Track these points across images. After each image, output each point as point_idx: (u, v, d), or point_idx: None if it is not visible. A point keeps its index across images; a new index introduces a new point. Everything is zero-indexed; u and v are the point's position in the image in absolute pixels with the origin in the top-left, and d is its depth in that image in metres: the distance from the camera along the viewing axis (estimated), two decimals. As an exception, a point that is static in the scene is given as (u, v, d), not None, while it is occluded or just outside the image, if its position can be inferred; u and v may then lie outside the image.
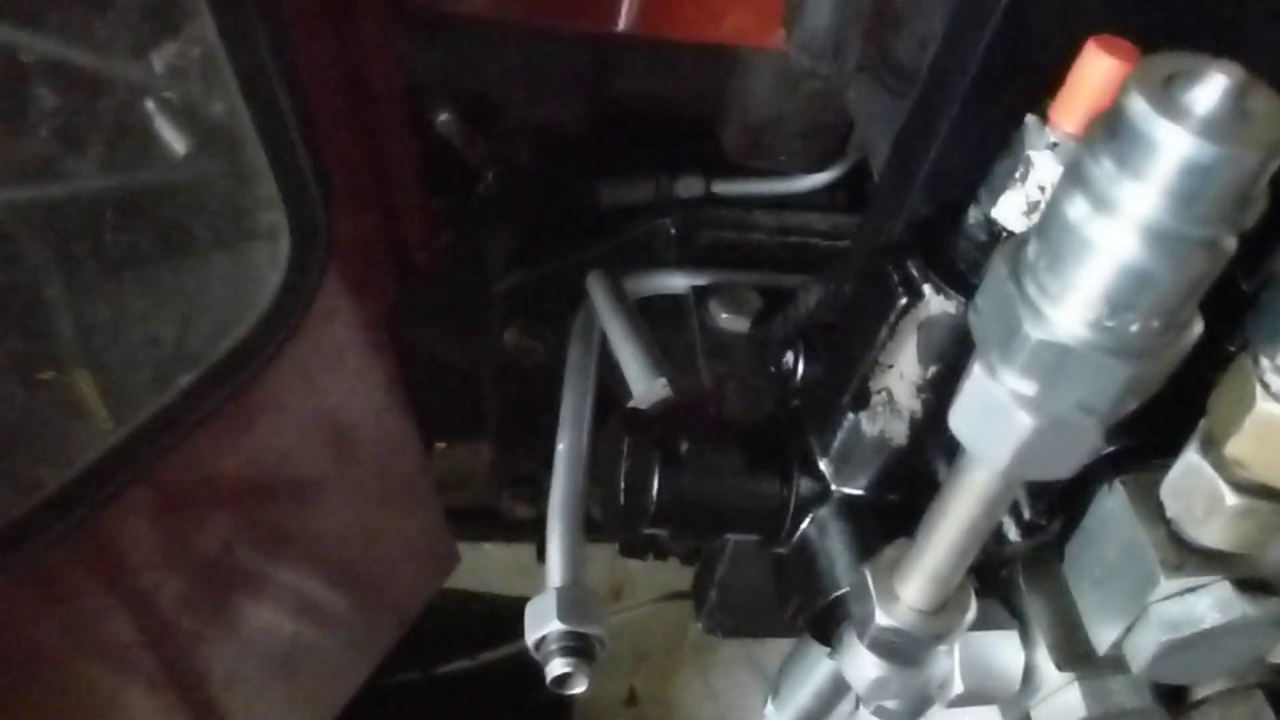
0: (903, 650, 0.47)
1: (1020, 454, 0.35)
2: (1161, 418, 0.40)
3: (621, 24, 0.86)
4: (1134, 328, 0.31)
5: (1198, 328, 0.33)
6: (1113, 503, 0.48)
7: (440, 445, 1.54)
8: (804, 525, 0.59)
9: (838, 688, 0.66)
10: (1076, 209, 0.31)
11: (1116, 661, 0.49)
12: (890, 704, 0.57)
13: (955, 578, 0.44)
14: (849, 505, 0.59)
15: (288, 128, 0.82)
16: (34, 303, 0.84)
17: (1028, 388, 0.33)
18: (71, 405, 0.85)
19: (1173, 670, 0.47)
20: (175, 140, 0.86)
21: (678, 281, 0.98)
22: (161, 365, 0.89)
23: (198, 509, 0.99)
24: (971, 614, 0.47)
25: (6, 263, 0.81)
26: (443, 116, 1.14)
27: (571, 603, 0.76)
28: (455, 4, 0.94)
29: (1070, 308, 0.32)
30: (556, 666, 0.74)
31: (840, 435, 0.57)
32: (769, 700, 0.70)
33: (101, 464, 0.83)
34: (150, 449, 0.87)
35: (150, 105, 0.84)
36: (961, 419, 0.36)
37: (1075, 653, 0.51)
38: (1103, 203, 0.30)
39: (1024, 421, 0.34)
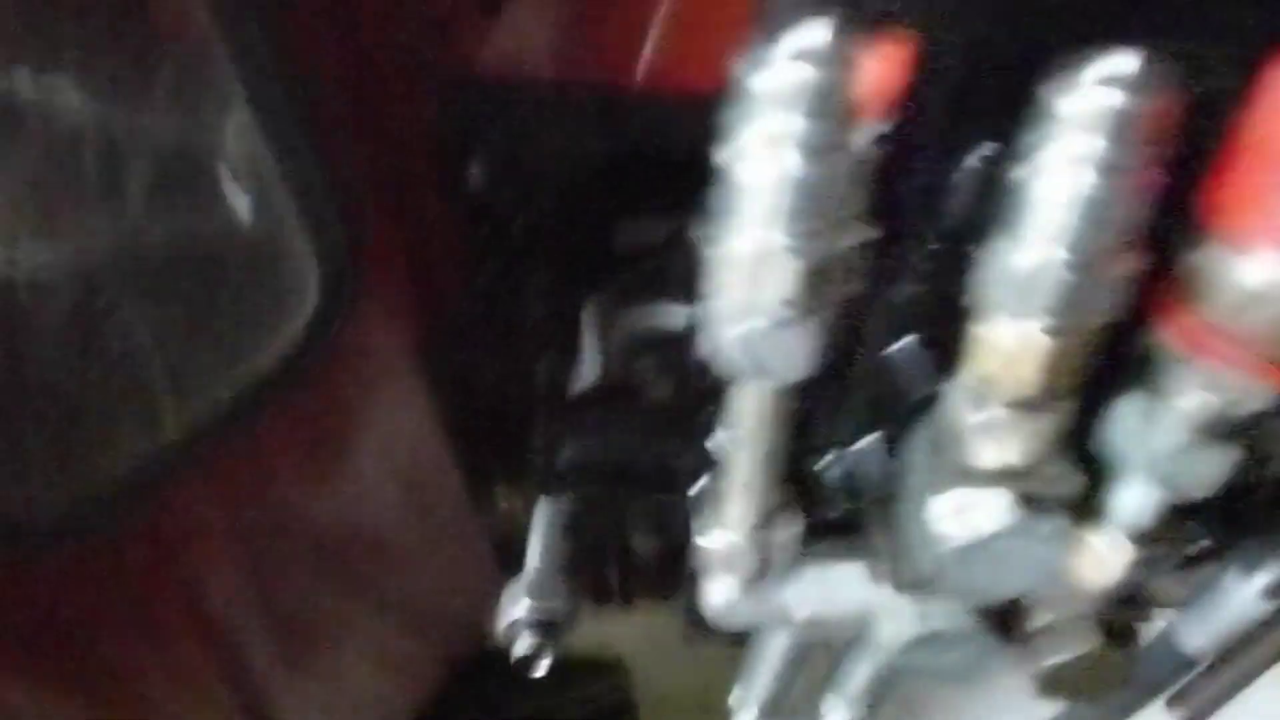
0: (740, 566, 0.55)
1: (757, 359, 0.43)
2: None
3: (638, 78, 0.96)
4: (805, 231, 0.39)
5: (861, 231, 0.41)
6: (916, 436, 0.54)
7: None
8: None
9: (795, 664, 0.72)
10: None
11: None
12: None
13: (767, 490, 0.52)
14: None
15: (315, 182, 0.95)
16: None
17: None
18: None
19: (968, 581, 0.53)
20: (216, 192, 1.00)
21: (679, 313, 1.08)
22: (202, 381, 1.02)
23: (223, 538, 1.10)
24: (796, 528, 0.54)
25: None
26: (472, 169, 1.26)
27: (541, 585, 0.84)
28: (481, 66, 1.06)
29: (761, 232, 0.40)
30: (522, 645, 0.82)
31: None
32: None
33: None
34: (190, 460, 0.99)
35: (193, 162, 0.98)
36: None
37: (907, 579, 0.57)
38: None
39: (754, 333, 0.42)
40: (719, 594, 0.58)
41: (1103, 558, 0.55)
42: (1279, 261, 0.42)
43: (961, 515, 0.51)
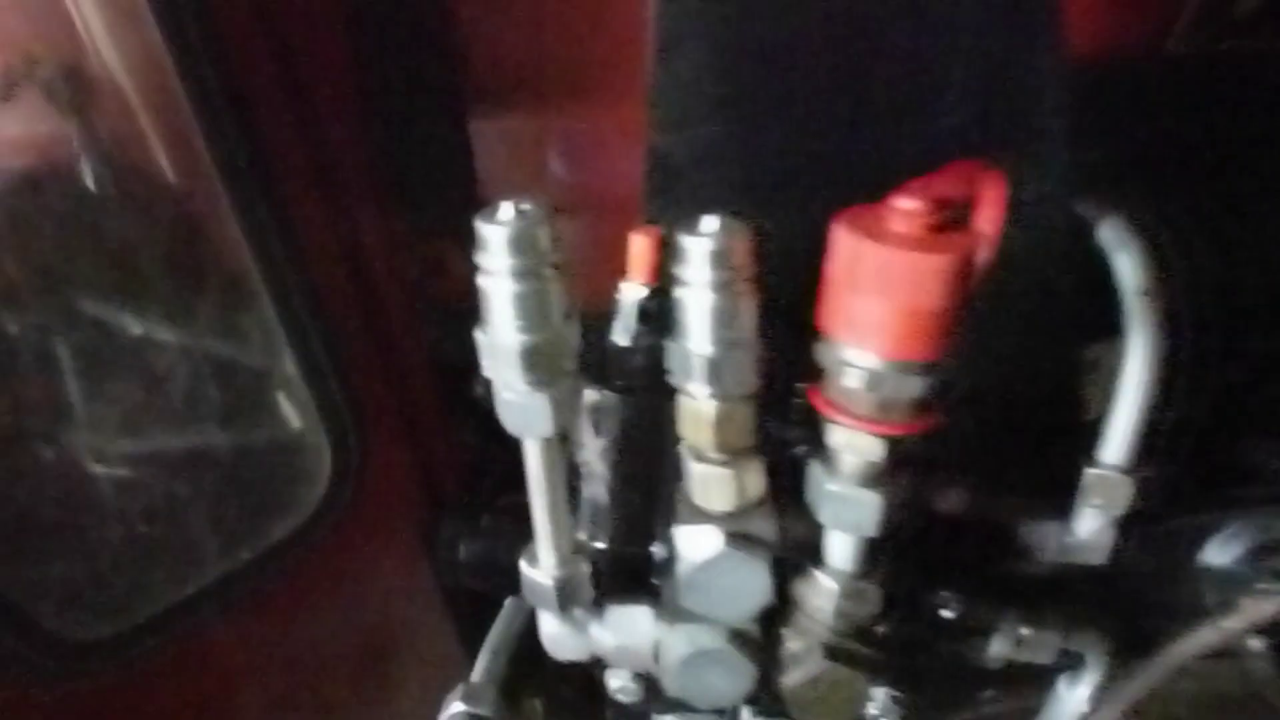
0: (551, 602, 0.75)
1: (515, 421, 0.66)
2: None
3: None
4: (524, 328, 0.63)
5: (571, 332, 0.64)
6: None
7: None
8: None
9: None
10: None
11: (710, 615, 0.74)
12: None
13: (561, 533, 0.73)
14: (599, 557, 0.86)
15: (333, 394, 1.23)
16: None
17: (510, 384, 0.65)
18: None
19: (702, 601, 0.72)
20: (257, 400, 1.29)
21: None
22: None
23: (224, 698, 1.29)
24: (585, 569, 0.74)
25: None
26: (478, 389, 1.52)
27: (475, 692, 1.02)
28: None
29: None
30: (455, 744, 0.99)
31: (581, 504, 0.86)
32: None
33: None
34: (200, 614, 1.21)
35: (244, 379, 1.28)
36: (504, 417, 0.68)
37: (673, 607, 0.76)
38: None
39: (508, 398, 0.65)
40: (546, 626, 0.78)
41: (824, 591, 0.73)
42: (861, 354, 0.64)
43: (690, 546, 0.71)
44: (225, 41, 1.02)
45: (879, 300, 0.62)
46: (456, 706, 0.95)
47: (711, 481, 0.70)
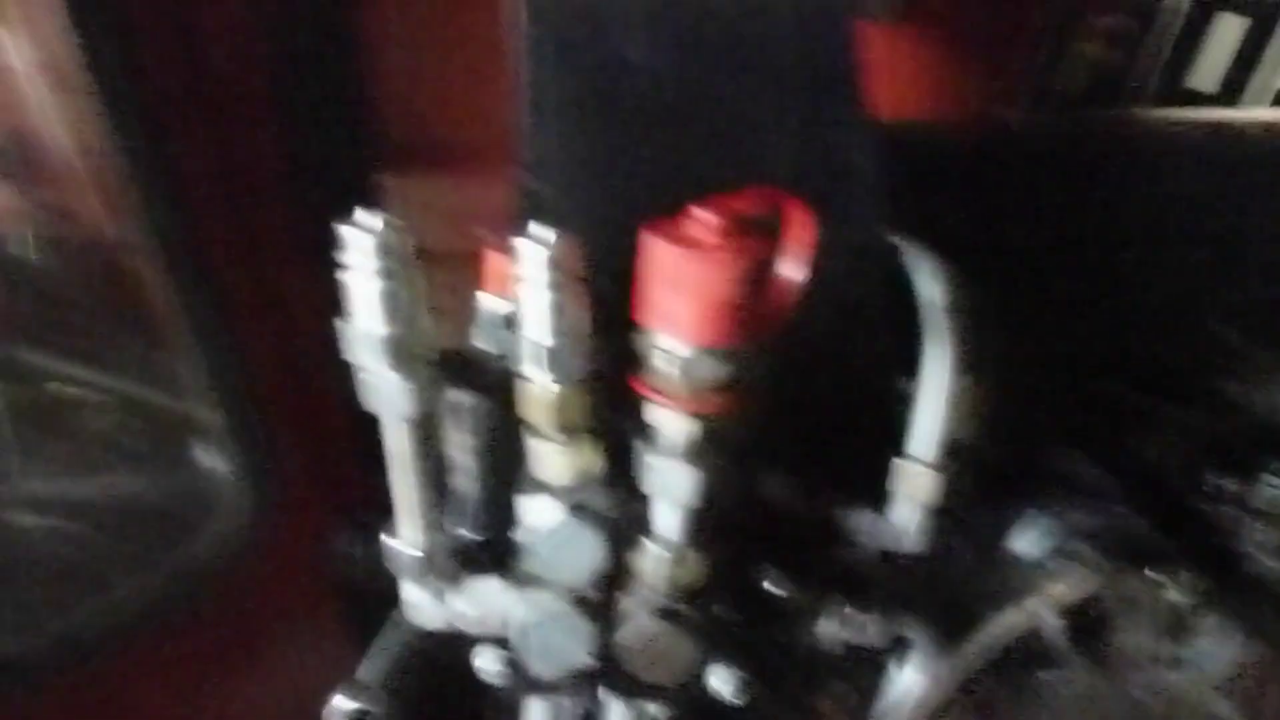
0: (411, 572, 0.85)
1: (374, 402, 0.77)
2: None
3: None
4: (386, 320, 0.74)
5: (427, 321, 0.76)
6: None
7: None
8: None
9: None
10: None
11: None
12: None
13: (419, 505, 0.83)
14: (466, 545, 0.95)
15: (252, 429, 1.32)
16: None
17: (371, 369, 0.76)
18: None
19: (544, 566, 0.82)
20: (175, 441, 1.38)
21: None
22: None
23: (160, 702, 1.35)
24: (442, 541, 0.84)
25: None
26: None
27: (356, 688, 1.10)
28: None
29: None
30: (339, 732, 1.07)
31: (447, 491, 0.96)
32: None
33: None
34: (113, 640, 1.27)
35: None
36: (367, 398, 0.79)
37: (523, 573, 0.86)
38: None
39: (368, 379, 0.76)
40: (410, 595, 0.88)
41: (651, 557, 0.84)
42: (669, 341, 0.76)
43: (533, 516, 0.82)
44: (150, 92, 1.13)
45: (679, 294, 0.74)
46: (339, 702, 1.02)
47: (551, 457, 0.81)
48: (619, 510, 0.84)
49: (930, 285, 0.95)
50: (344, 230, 0.73)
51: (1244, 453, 1.43)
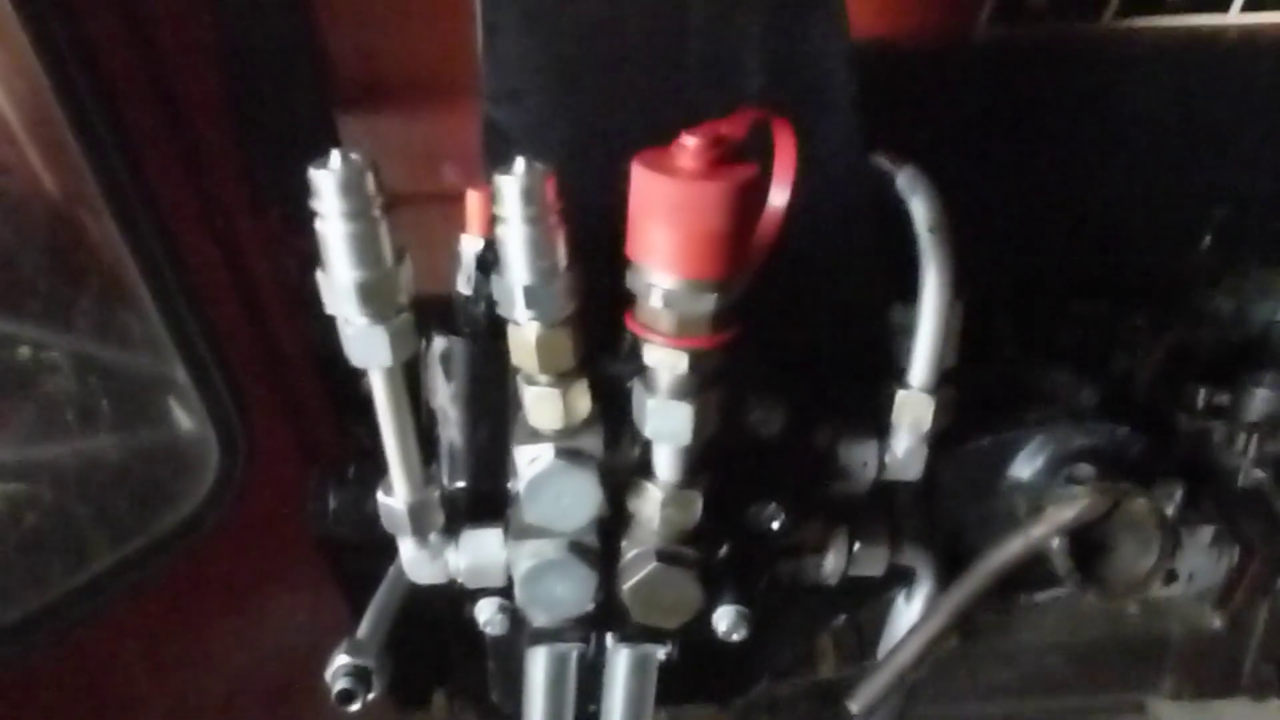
0: (406, 528, 0.82)
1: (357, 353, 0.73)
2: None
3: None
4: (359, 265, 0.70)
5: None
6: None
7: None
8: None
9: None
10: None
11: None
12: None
13: (410, 460, 0.80)
14: (460, 498, 0.93)
15: (216, 384, 1.28)
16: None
17: (350, 319, 0.72)
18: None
19: (541, 513, 0.80)
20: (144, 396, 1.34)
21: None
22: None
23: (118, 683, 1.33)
24: (437, 495, 0.81)
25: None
26: (365, 380, 1.57)
27: (358, 646, 1.08)
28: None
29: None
30: (340, 684, 1.05)
31: (438, 446, 0.93)
32: None
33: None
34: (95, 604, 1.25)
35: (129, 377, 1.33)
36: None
37: (520, 525, 0.84)
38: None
39: (349, 331, 0.73)
40: (405, 551, 0.85)
41: (651, 500, 0.82)
42: (661, 276, 0.72)
43: (526, 463, 0.79)
44: (93, 46, 1.08)
45: (670, 227, 0.70)
46: (341, 659, 1.00)
47: (541, 402, 0.78)
48: (614, 453, 0.81)
49: (920, 208, 0.92)
50: (311, 173, 0.68)
51: (1232, 366, 1.42)
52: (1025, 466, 1.05)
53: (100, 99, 1.08)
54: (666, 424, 0.77)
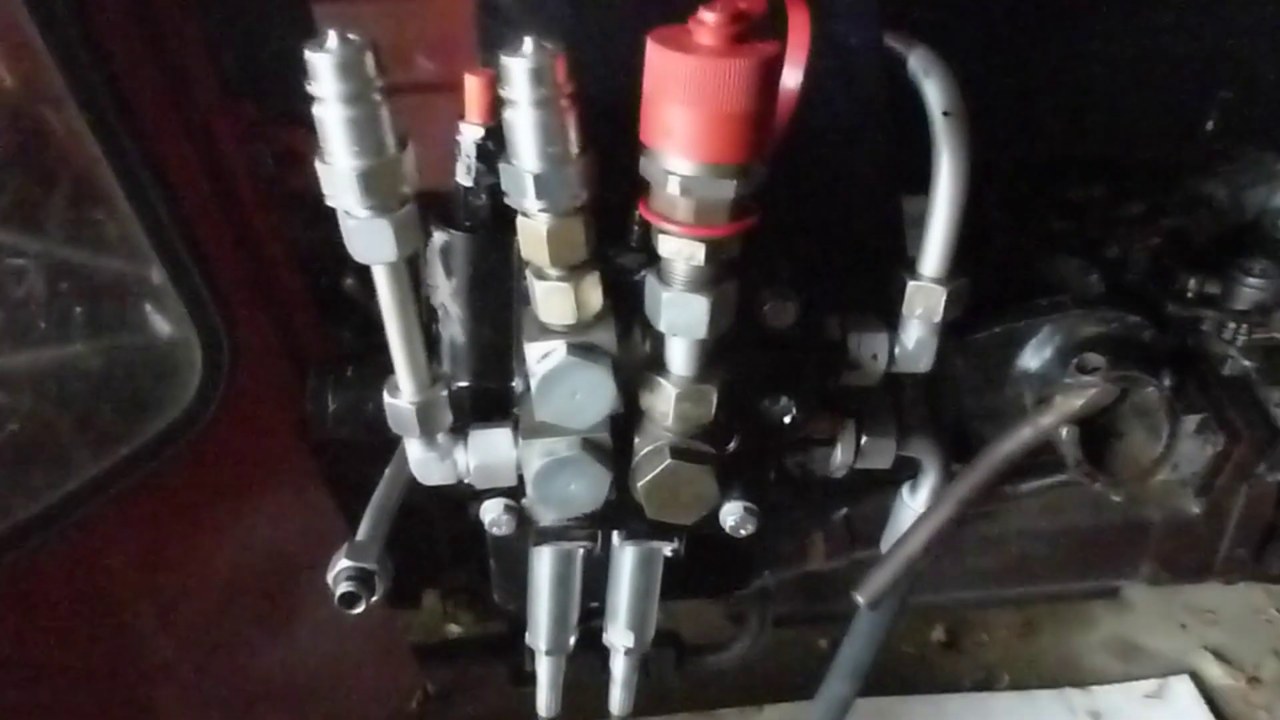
0: (413, 428, 0.80)
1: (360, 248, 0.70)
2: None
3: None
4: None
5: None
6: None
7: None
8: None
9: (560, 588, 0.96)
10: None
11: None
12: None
13: (416, 359, 0.77)
14: (463, 397, 0.90)
15: (196, 283, 1.24)
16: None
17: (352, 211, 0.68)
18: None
19: (554, 411, 0.78)
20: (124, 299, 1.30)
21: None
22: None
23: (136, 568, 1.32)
24: (444, 394, 0.79)
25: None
26: (348, 280, 1.53)
27: (359, 549, 1.06)
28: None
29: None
30: (342, 587, 1.04)
31: (440, 345, 0.90)
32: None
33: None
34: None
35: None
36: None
37: (531, 422, 0.82)
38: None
39: (351, 224, 0.69)
40: (413, 452, 0.83)
41: (665, 395, 0.80)
42: (678, 161, 0.69)
43: (538, 360, 0.76)
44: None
45: (689, 108, 0.67)
46: (342, 562, 0.99)
47: (552, 296, 0.75)
48: (625, 347, 0.79)
49: (934, 91, 0.89)
50: (307, 55, 0.64)
51: (1224, 255, 1.41)
52: (1034, 356, 1.04)
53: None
54: (682, 317, 0.75)
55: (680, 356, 0.79)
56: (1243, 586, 2.47)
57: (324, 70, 0.64)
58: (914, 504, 1.08)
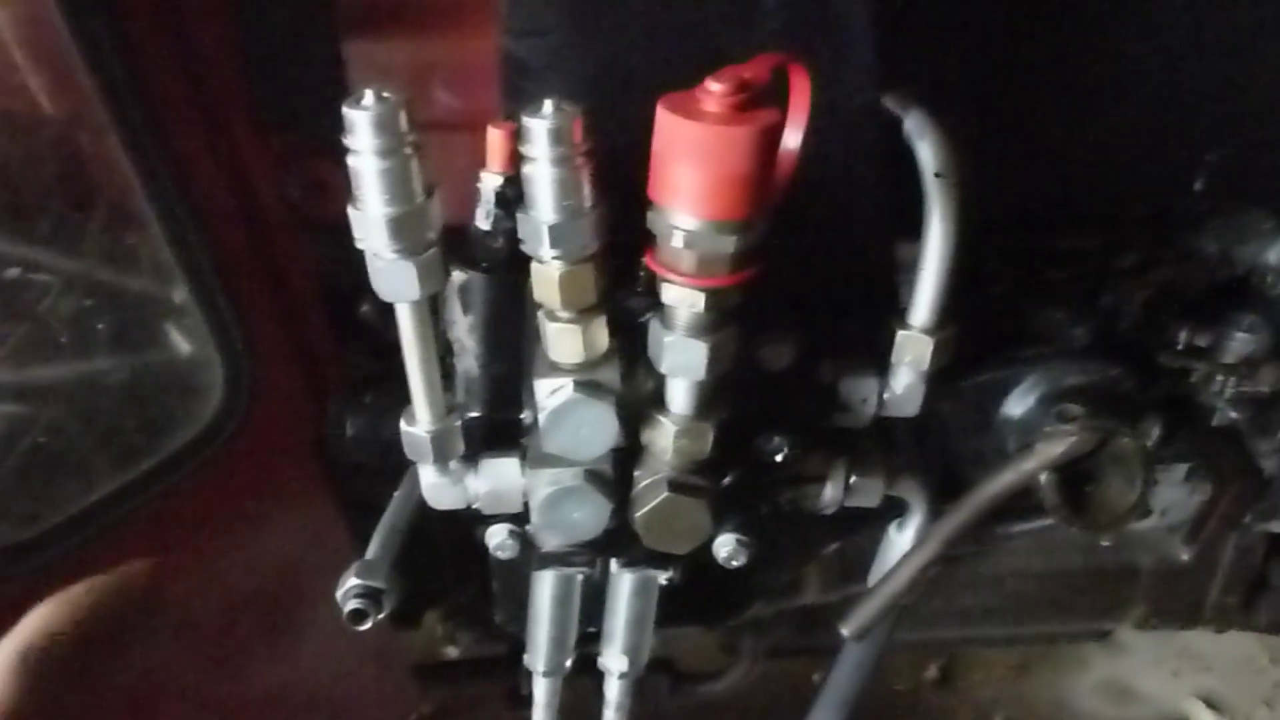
0: (428, 455, 0.85)
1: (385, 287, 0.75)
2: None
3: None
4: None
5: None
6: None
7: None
8: (442, 438, 0.96)
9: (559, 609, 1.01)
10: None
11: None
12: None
13: (433, 391, 0.82)
14: (474, 427, 0.95)
15: (220, 305, 1.29)
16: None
17: (380, 253, 0.74)
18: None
19: (560, 443, 0.83)
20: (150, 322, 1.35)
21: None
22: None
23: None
24: (457, 424, 0.84)
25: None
26: (364, 308, 1.58)
27: (369, 567, 1.11)
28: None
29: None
30: (351, 604, 1.09)
31: (455, 377, 0.95)
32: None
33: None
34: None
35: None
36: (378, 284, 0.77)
37: (538, 454, 0.87)
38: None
39: (379, 265, 0.74)
40: (426, 478, 0.88)
41: (665, 431, 0.85)
42: (682, 217, 0.75)
43: (546, 395, 0.82)
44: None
45: (695, 170, 0.72)
46: (352, 580, 1.04)
47: (562, 337, 0.80)
48: (629, 384, 0.84)
49: (930, 156, 0.94)
50: (345, 111, 0.69)
51: (1214, 308, 1.46)
52: (1018, 404, 1.09)
53: (106, 19, 1.07)
54: (682, 360, 0.80)
55: (680, 396, 0.84)
56: (1236, 635, 2.49)
57: (361, 126, 0.70)
58: (901, 541, 1.12)
